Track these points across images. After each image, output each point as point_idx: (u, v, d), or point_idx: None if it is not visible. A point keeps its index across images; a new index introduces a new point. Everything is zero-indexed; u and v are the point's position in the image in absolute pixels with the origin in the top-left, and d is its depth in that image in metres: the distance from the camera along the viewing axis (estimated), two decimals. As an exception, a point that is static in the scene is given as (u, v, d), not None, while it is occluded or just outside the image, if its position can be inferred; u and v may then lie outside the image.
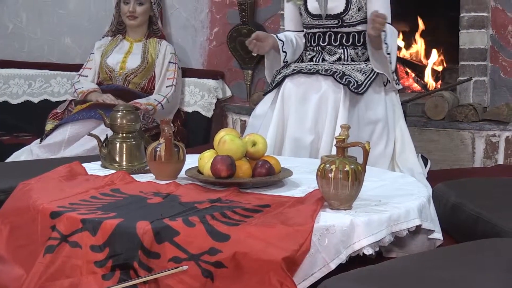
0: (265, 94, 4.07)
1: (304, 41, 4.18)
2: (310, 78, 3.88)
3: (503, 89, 4.81)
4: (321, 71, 3.87)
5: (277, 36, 4.09)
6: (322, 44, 4.08)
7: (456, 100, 4.78)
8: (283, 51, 4.07)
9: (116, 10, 5.13)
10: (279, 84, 3.93)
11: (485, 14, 4.74)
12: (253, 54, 4.08)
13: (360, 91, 3.82)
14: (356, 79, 3.84)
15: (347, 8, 4.00)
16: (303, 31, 4.19)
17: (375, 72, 3.93)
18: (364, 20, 4.02)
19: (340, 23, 4.01)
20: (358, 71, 3.92)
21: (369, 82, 3.88)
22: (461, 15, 4.78)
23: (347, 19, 4.01)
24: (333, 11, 4.01)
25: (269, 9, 5.22)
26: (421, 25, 5.43)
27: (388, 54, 3.84)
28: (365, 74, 3.91)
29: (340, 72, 3.84)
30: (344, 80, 3.80)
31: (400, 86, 4.09)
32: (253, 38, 3.98)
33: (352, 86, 3.79)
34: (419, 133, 4.65)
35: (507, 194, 3.26)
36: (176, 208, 2.57)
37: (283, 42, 4.07)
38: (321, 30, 4.06)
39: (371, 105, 3.91)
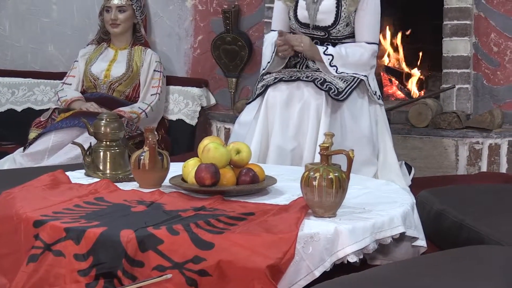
0: (248, 103, 4.07)
1: None
2: (292, 85, 3.89)
3: (486, 96, 4.83)
4: (302, 78, 3.88)
5: None
6: None
7: (440, 108, 4.79)
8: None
9: (100, 19, 5.12)
10: (261, 93, 3.93)
11: (468, 22, 4.76)
12: (279, 55, 4.02)
13: (341, 98, 3.83)
14: (337, 86, 3.85)
15: (335, 22, 4.01)
16: (290, 33, 4.18)
17: (356, 80, 3.94)
18: (351, 35, 4.04)
19: (326, 36, 4.01)
20: (339, 78, 3.92)
21: (350, 89, 3.88)
22: (444, 23, 4.80)
23: (334, 32, 4.02)
24: (322, 23, 4.01)
25: (253, 17, 5.22)
26: (404, 33, 5.45)
27: (334, 66, 3.91)
28: (346, 82, 3.91)
29: (321, 79, 3.85)
30: (324, 86, 3.81)
31: (381, 102, 4.09)
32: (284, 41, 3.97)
33: (332, 93, 3.80)
34: (402, 140, 4.67)
35: (491, 201, 3.28)
36: (160, 217, 2.57)
37: None
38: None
39: (355, 114, 3.92)
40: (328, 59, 3.92)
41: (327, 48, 3.94)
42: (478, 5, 4.77)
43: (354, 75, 3.94)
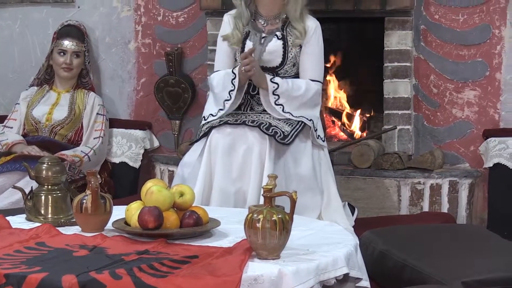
0: (191, 144, 4.07)
1: None
2: (237, 129, 3.88)
3: (427, 137, 4.90)
4: (248, 122, 3.88)
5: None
6: (252, 93, 4.09)
7: (382, 149, 4.84)
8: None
9: (47, 59, 5.07)
10: (206, 134, 3.93)
11: (408, 64, 4.84)
12: (243, 69, 3.93)
13: (287, 141, 3.84)
14: (283, 130, 3.86)
15: (283, 63, 4.05)
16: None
17: (301, 123, 3.96)
18: (297, 76, 4.07)
19: (274, 76, 4.02)
20: (284, 122, 3.95)
21: (295, 133, 3.90)
22: (385, 65, 4.87)
23: (281, 73, 4.05)
24: (269, 64, 4.04)
25: (196, 60, 5.24)
26: (346, 74, 5.51)
27: (277, 95, 3.93)
28: (292, 126, 3.93)
29: (266, 123, 3.86)
30: (270, 131, 3.82)
31: (325, 144, 4.11)
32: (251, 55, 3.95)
33: (278, 137, 3.81)
34: (345, 181, 4.70)
35: (433, 240, 3.32)
36: (103, 261, 2.54)
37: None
38: None
39: (297, 158, 3.93)
40: (274, 87, 3.93)
41: (274, 76, 3.96)
42: (418, 47, 4.86)
43: (299, 118, 3.95)
